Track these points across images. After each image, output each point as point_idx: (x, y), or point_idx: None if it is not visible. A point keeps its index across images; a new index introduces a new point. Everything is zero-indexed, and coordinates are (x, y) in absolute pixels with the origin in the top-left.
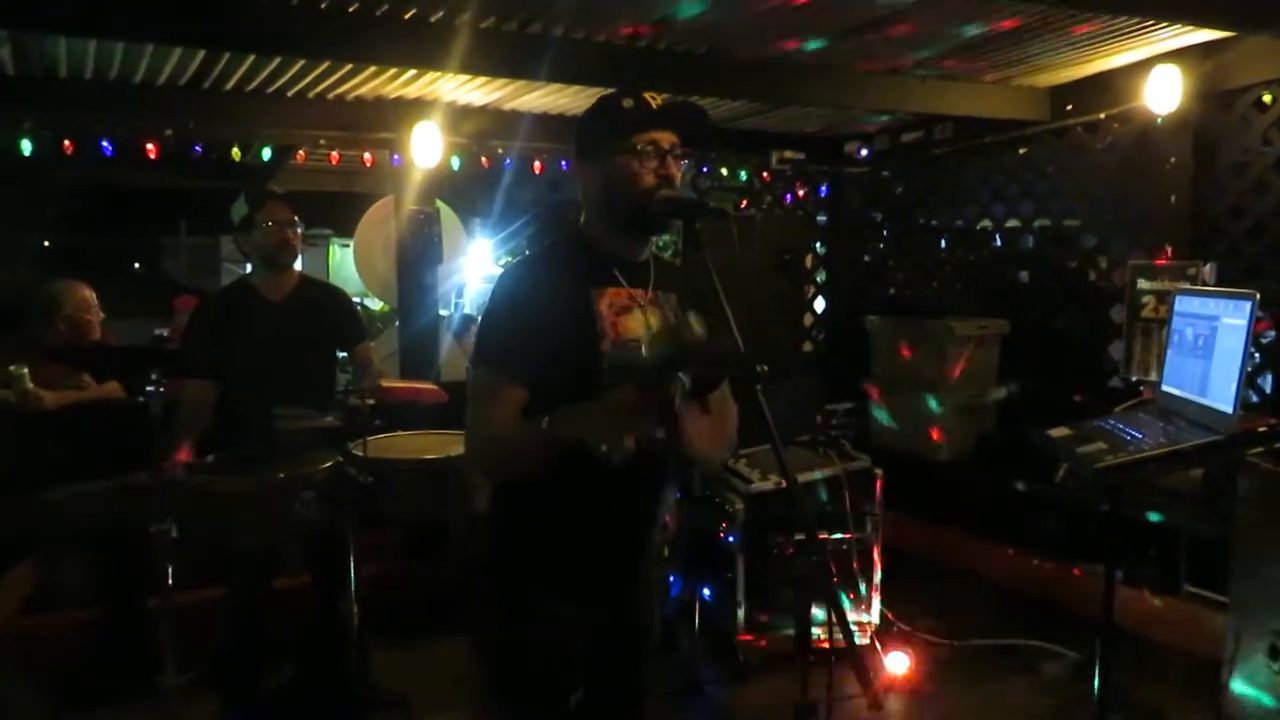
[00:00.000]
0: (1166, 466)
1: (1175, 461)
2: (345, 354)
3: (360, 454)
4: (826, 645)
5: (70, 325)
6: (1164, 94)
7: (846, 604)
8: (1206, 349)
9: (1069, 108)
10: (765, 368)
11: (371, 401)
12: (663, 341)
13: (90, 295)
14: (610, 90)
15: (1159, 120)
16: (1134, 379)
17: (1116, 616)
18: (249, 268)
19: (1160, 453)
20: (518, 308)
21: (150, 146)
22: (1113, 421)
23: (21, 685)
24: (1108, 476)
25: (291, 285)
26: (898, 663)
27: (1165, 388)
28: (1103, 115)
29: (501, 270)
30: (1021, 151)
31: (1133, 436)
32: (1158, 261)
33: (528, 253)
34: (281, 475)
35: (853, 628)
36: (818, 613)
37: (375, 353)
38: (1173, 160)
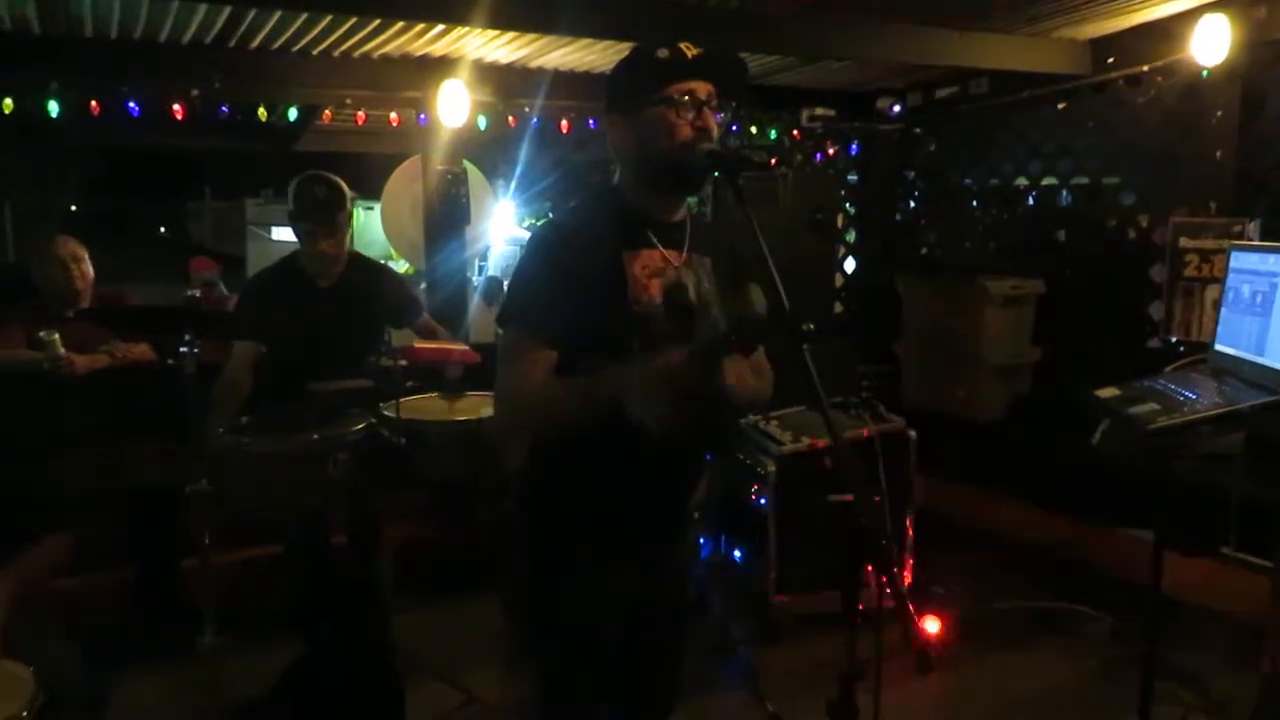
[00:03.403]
0: (1222, 428)
1: (1232, 423)
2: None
3: (393, 415)
4: (865, 608)
5: (59, 271)
6: (1211, 44)
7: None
8: (1265, 306)
9: (1110, 60)
10: (811, 325)
11: (403, 363)
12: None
13: (73, 247)
14: (637, 44)
15: (1205, 73)
16: (1174, 339)
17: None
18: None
19: (1217, 413)
20: (548, 268)
21: (176, 107)
22: (1164, 381)
23: (67, 645)
24: (1163, 437)
25: (339, 271)
26: (931, 625)
27: (1219, 347)
28: (1146, 68)
29: (531, 230)
30: (1060, 107)
31: (1186, 397)
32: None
33: (552, 215)
34: (315, 437)
35: (903, 590)
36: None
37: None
38: (1219, 114)
